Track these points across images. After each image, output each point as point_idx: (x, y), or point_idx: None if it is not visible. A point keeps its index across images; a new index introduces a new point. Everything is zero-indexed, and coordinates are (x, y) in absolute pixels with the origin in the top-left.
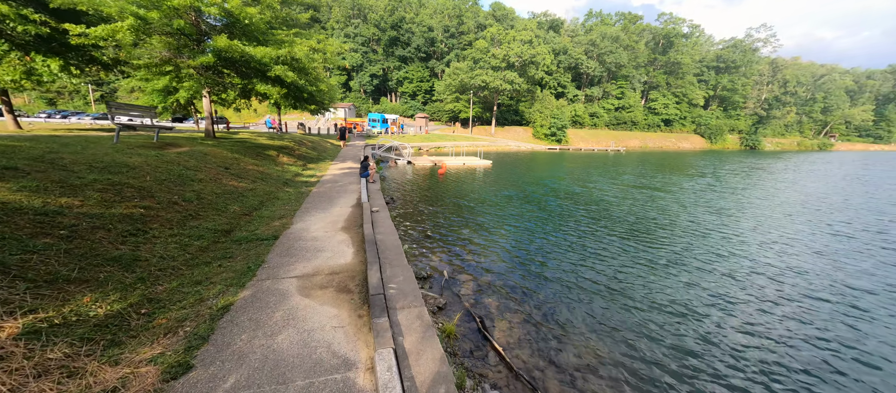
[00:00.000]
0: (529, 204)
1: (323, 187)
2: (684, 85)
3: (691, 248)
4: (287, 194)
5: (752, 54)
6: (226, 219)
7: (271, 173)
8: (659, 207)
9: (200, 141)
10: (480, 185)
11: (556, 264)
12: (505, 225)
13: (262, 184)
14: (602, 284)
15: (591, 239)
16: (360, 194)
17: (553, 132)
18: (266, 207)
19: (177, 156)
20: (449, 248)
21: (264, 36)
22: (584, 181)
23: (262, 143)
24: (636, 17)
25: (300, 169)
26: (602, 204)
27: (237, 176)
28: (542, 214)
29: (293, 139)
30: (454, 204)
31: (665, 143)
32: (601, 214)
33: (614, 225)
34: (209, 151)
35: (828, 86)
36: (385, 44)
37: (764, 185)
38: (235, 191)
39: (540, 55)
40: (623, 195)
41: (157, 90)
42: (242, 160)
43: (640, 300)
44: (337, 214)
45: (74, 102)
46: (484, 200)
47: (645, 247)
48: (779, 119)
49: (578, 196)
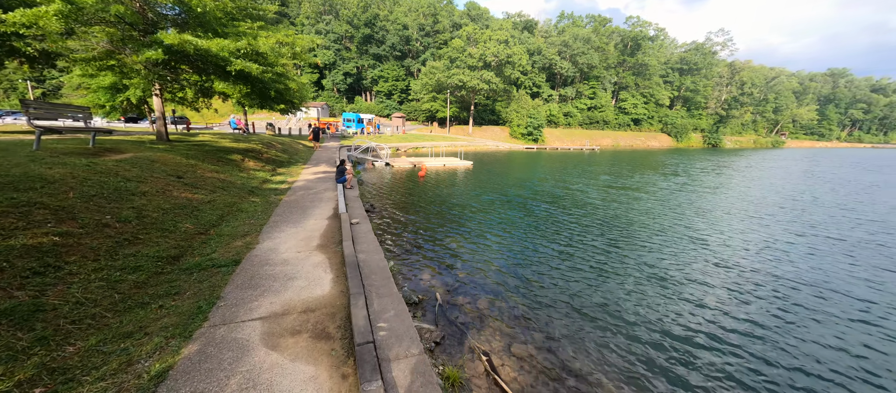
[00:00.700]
0: (515, 209)
1: (295, 195)
2: (651, 86)
3: (692, 257)
4: (253, 205)
5: (712, 57)
6: (174, 241)
7: (234, 181)
8: (643, 210)
9: (150, 145)
10: (463, 189)
11: (554, 280)
12: (494, 233)
13: (222, 194)
14: (606, 302)
15: (583, 249)
16: (338, 203)
17: (530, 132)
18: (227, 222)
19: (115, 165)
20: (438, 261)
21: (223, 27)
22: (565, 182)
23: (224, 146)
24: (606, 20)
25: (269, 174)
26: (588, 207)
27: (192, 186)
28: (531, 220)
29: (261, 141)
30: (438, 210)
31: (635, 141)
32: (590, 219)
33: (605, 231)
34: (159, 157)
35: (778, 87)
36: (358, 41)
37: (736, 184)
38: (189, 204)
39: (516, 55)
40: (605, 197)
41: (103, 87)
42: (200, 167)
43: (651, 321)
44: (311, 228)
45: (10, 101)
46: (468, 205)
47: (639, 256)
48: (737, 118)
49: (562, 199)
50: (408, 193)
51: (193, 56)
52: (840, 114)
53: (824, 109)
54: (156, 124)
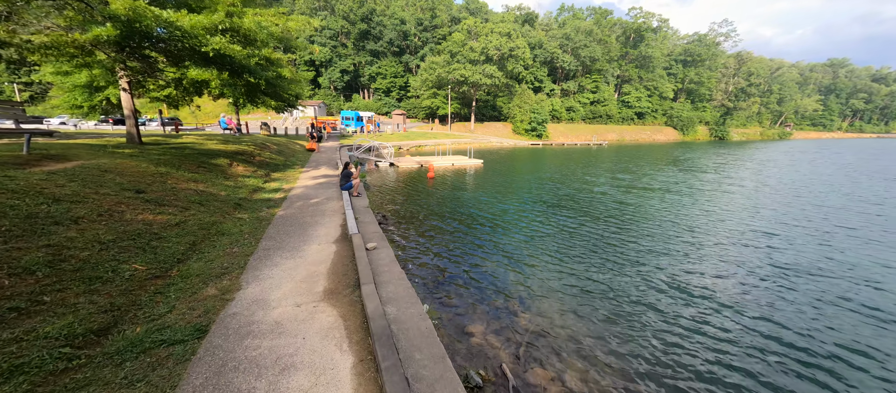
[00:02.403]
0: (547, 219)
1: (292, 208)
2: (655, 78)
3: (785, 274)
4: (238, 225)
5: (716, 48)
6: (107, 298)
7: (217, 192)
8: (691, 216)
9: (112, 149)
10: (479, 192)
11: (643, 324)
12: (538, 254)
13: (198, 211)
14: (724, 360)
15: (651, 273)
16: (345, 218)
17: (533, 127)
18: (199, 254)
19: (43, 179)
20: (484, 299)
21: (199, 2)
22: (586, 184)
23: (210, 148)
24: (607, 12)
25: (261, 181)
26: (627, 216)
27: (155, 203)
28: (571, 236)
29: (253, 142)
30: (459, 220)
31: (641, 135)
32: (638, 232)
33: (668, 252)
34: (116, 166)
35: (782, 78)
36: (355, 37)
37: (768, 181)
38: (145, 231)
39: (519, 48)
40: (641, 203)
41: (79, 86)
42: (172, 176)
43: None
44: (314, 259)
45: None
46: (493, 215)
47: (740, 295)
48: (744, 110)
49: (593, 206)
50: (420, 199)
51: (160, 36)
52: (841, 104)
53: (826, 100)
54: (126, 124)
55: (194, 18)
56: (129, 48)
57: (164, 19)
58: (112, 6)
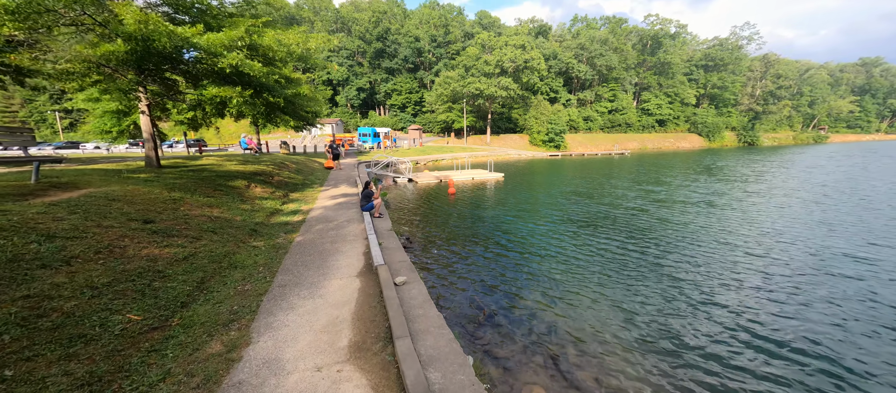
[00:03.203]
0: (586, 239)
1: (311, 233)
2: (675, 84)
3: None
4: (252, 255)
5: (739, 52)
6: (85, 366)
7: (233, 217)
8: (748, 235)
9: (127, 174)
10: (506, 210)
11: None
12: (580, 284)
13: (211, 240)
14: None
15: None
16: (368, 244)
17: (551, 138)
18: (208, 294)
19: (41, 211)
20: (540, 352)
21: (217, 20)
22: (619, 197)
23: (228, 170)
24: (622, 20)
25: (279, 203)
26: (673, 235)
27: (164, 234)
28: (620, 262)
29: (272, 162)
30: (489, 243)
31: (664, 143)
32: (693, 256)
33: (735, 281)
34: (127, 193)
35: (813, 79)
36: (371, 56)
37: (826, 189)
38: (149, 269)
39: (534, 59)
40: (682, 217)
41: (108, 112)
42: (186, 201)
43: None
44: (336, 300)
45: (41, 132)
46: (525, 237)
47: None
48: (774, 114)
49: (633, 222)
50: (442, 217)
51: (174, 54)
52: (878, 104)
53: (861, 101)
54: (145, 148)
55: (212, 36)
56: (148, 70)
57: (179, 36)
58: (126, 22)
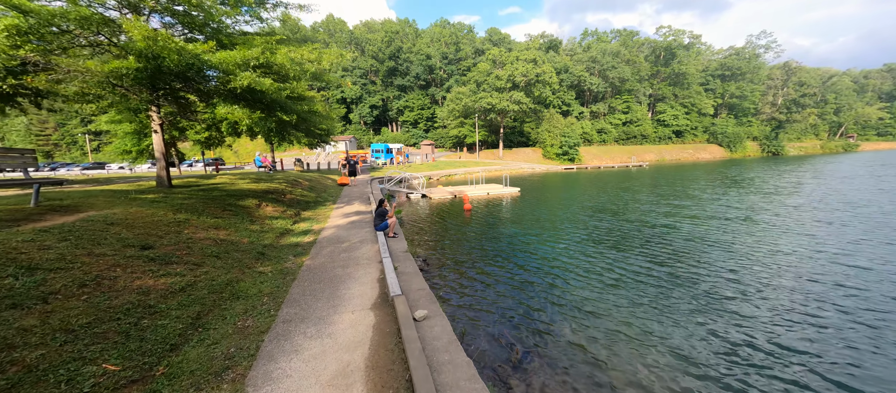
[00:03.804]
0: (617, 262)
1: (321, 256)
2: (691, 95)
3: None
4: (257, 282)
5: (756, 60)
6: None
7: (240, 240)
8: (800, 255)
9: (135, 195)
10: (525, 228)
11: None
12: (621, 319)
13: (214, 267)
14: None
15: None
16: (382, 267)
17: (565, 151)
18: (203, 332)
19: (29, 239)
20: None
21: (231, 38)
22: (645, 213)
23: (240, 188)
24: (633, 33)
25: (289, 222)
26: (715, 258)
27: (163, 261)
28: (659, 286)
29: (286, 180)
30: (511, 265)
31: (682, 154)
32: (739, 281)
33: (796, 315)
34: (129, 216)
35: (838, 86)
36: (383, 74)
37: (880, 200)
38: (139, 304)
39: (546, 73)
40: (721, 235)
41: (129, 133)
42: (192, 223)
43: None
44: (347, 340)
45: (72, 154)
46: (549, 259)
47: None
48: (800, 122)
49: (667, 242)
50: (459, 236)
51: (186, 72)
52: None
53: (891, 107)
54: (156, 167)
55: (224, 54)
56: (161, 90)
57: (189, 52)
58: (136, 38)
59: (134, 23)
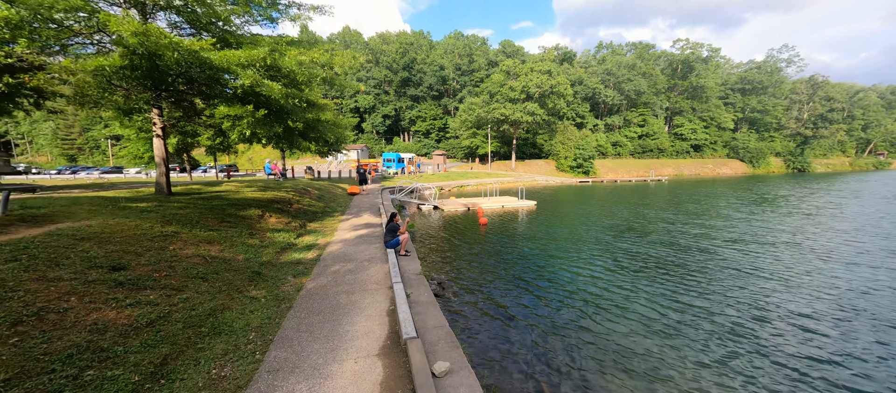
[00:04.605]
0: (659, 292)
1: (324, 276)
2: (710, 109)
3: None
4: (247, 312)
5: (779, 74)
6: None
7: (234, 256)
8: (867, 285)
9: (125, 204)
10: (547, 247)
11: None
12: (680, 374)
13: (197, 291)
14: None
15: None
16: (393, 293)
17: (579, 164)
18: (166, 384)
19: None
20: None
21: (237, 38)
22: (676, 234)
23: (244, 197)
24: (649, 46)
25: (293, 236)
26: (769, 291)
27: (134, 286)
28: (713, 325)
29: (294, 188)
30: (537, 290)
31: (702, 169)
32: (825, 326)
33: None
34: (105, 230)
35: (864, 102)
36: (397, 85)
37: None
38: (89, 346)
39: (560, 85)
40: (767, 262)
41: (136, 138)
42: (180, 237)
43: None
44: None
45: (95, 157)
46: (581, 287)
47: None
48: (827, 138)
49: (711, 270)
50: (476, 254)
51: (183, 71)
52: None
53: None
54: (156, 173)
55: (227, 53)
56: (163, 91)
57: (185, 49)
58: (125, 33)
59: (122, 18)
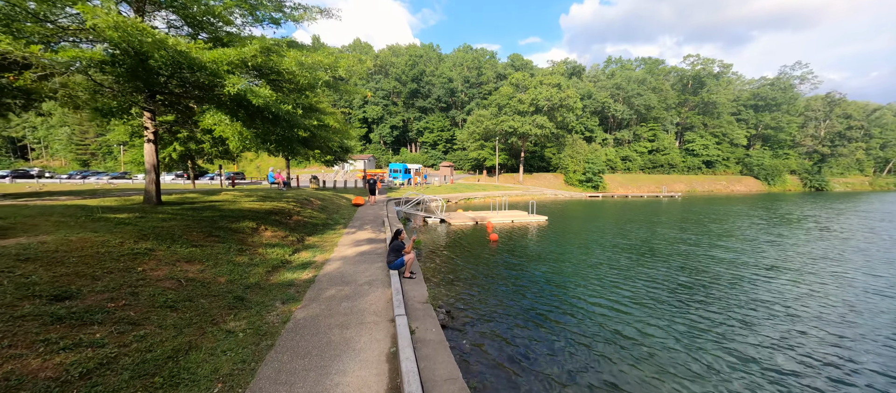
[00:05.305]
0: (708, 331)
1: (316, 303)
2: (722, 124)
3: None
4: (219, 351)
5: (792, 91)
6: None
7: (216, 277)
8: None
9: (101, 215)
10: (563, 267)
11: None
12: None
13: (161, 324)
14: None
15: None
16: (395, 334)
17: (588, 178)
18: None
19: None
20: None
21: (231, 37)
22: (702, 257)
23: (240, 208)
24: (659, 61)
25: (288, 252)
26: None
27: (78, 320)
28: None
29: (297, 199)
30: (560, 327)
31: (715, 186)
32: None
33: None
34: (61, 246)
35: (882, 120)
36: (405, 96)
37: None
38: None
39: (571, 98)
40: (838, 304)
41: (140, 145)
42: (154, 255)
43: None
44: None
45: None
46: (608, 317)
47: None
48: (846, 156)
49: (768, 304)
50: (486, 273)
51: (175, 71)
52: None
53: None
54: (146, 181)
55: (216, 53)
56: (158, 93)
57: (171, 47)
58: (102, 26)
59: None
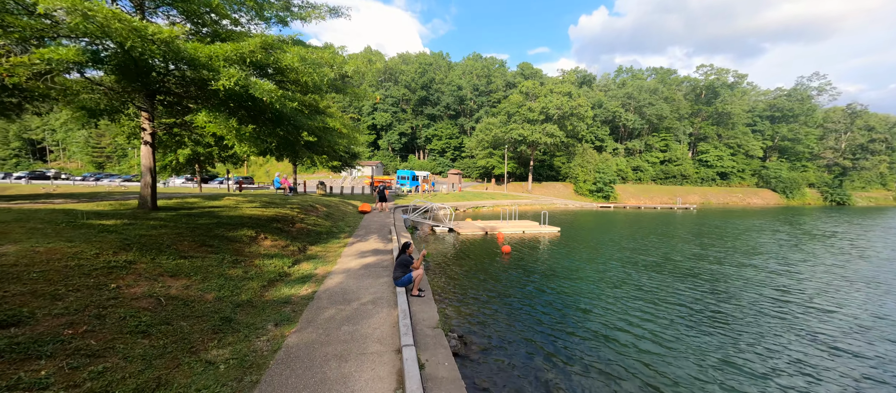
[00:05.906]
0: (772, 375)
1: (313, 326)
2: (737, 135)
3: None
4: (194, 388)
5: (810, 102)
6: None
7: (202, 294)
8: None
9: (84, 220)
10: (581, 285)
11: None
12: None
13: (128, 353)
14: None
15: None
16: (401, 369)
17: (599, 188)
18: None
19: None
20: None
21: (229, 33)
22: (734, 275)
23: (241, 214)
24: (671, 71)
25: (288, 263)
26: None
27: (21, 353)
28: None
29: (301, 205)
30: (585, 362)
31: (730, 198)
32: None
33: None
34: (22, 259)
35: None
36: (414, 103)
37: None
38: None
39: (581, 107)
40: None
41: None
42: (134, 268)
43: None
44: None
45: (121, 166)
46: (633, 345)
47: None
48: (869, 169)
49: (837, 337)
50: (500, 291)
51: (168, 68)
52: None
53: None
54: (141, 184)
55: (210, 48)
56: (158, 92)
57: (162, 40)
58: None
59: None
